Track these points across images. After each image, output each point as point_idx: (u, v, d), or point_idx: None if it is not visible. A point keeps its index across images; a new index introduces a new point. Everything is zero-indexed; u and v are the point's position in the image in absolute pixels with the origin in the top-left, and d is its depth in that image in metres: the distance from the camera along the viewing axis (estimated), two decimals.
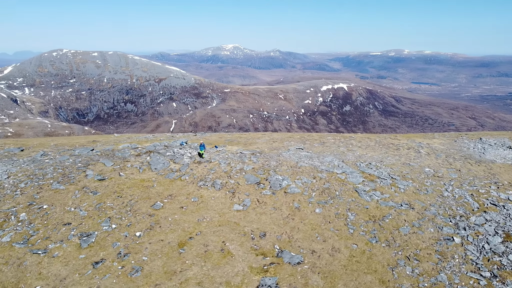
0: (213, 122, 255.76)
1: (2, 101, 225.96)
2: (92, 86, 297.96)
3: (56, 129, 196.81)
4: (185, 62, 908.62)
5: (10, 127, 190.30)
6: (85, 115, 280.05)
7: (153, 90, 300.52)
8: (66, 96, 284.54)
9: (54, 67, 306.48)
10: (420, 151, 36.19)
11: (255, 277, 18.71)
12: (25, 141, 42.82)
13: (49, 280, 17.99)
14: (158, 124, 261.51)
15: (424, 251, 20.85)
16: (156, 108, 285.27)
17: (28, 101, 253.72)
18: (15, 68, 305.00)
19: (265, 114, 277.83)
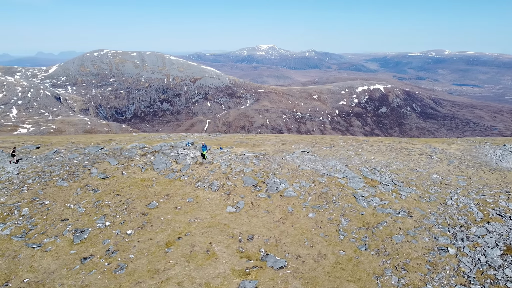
0: (246, 122, 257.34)
1: (46, 99, 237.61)
2: (130, 85, 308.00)
3: (95, 127, 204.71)
4: (220, 62, 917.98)
5: (53, 123, 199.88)
6: (123, 113, 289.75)
7: (189, 90, 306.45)
8: (105, 94, 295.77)
9: (95, 66, 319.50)
10: (432, 157, 34.95)
11: (235, 279, 18.79)
12: (46, 138, 44.88)
13: (39, 273, 18.85)
14: (193, 123, 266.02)
15: (414, 261, 20.20)
16: (191, 108, 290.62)
17: (70, 99, 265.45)
18: (59, 68, 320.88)
19: (299, 115, 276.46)
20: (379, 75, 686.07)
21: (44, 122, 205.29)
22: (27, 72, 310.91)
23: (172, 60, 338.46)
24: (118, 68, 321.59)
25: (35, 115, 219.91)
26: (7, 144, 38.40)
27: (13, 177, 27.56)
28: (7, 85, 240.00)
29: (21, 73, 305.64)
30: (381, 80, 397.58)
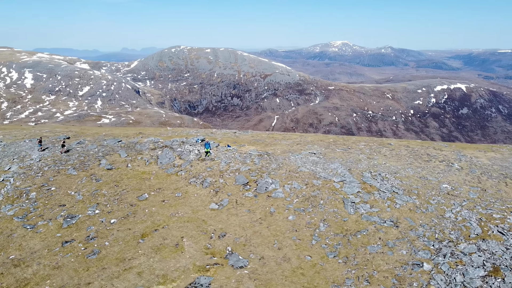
0: (314, 119, 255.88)
1: (127, 92, 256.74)
2: (203, 80, 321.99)
3: (169, 119, 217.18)
4: (292, 58, 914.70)
5: (132, 115, 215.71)
6: (195, 107, 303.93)
7: (258, 86, 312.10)
8: (180, 89, 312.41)
9: (172, 62, 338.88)
10: (453, 165, 32.40)
11: (193, 274, 19.36)
12: (86, 129, 48.78)
13: (24, 251, 20.99)
14: (261, 118, 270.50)
15: (382, 273, 19.23)
16: (260, 103, 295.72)
17: (148, 92, 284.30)
18: (140, 63, 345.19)
19: (370, 114, 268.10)
20: (462, 73, 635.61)
21: (124, 114, 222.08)
22: (111, 66, 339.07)
23: (244, 56, 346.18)
24: (192, 63, 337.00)
25: (117, 106, 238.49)
26: (47, 134, 42.43)
27: (33, 164, 30.62)
28: (94, 78, 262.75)
29: (107, 67, 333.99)
30: (463, 79, 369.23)
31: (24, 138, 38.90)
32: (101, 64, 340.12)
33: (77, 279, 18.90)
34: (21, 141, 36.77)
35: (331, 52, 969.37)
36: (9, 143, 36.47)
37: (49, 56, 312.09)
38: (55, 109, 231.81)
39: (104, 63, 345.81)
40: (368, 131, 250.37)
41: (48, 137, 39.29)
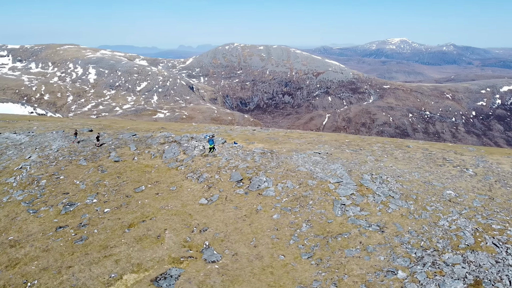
0: (367, 118, 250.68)
1: (181, 88, 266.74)
2: (255, 77, 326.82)
3: (221, 115, 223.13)
4: (346, 56, 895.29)
5: (185, 110, 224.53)
6: (247, 104, 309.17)
7: (310, 84, 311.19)
8: (232, 85, 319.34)
9: (225, 59, 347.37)
10: (467, 171, 30.54)
11: (166, 265, 20.07)
12: (114, 123, 51.38)
13: (21, 234, 22.83)
14: (312, 117, 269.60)
15: (352, 278, 18.78)
16: (311, 101, 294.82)
17: (201, 89, 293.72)
18: (194, 60, 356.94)
19: (427, 115, 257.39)
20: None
21: (178, 109, 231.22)
22: (168, 63, 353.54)
23: (296, 54, 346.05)
24: (245, 61, 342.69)
25: (171, 102, 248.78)
26: (77, 126, 45.27)
27: (51, 154, 32.95)
28: (151, 74, 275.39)
29: (164, 64, 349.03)
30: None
31: (54, 129, 41.82)
32: (158, 60, 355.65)
33: (60, 262, 20.29)
34: (49, 133, 39.60)
35: (388, 50, 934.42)
36: (38, 134, 39.41)
37: (111, 53, 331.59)
38: (114, 103, 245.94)
39: (161, 60, 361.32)
40: (425, 132, 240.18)
41: (77, 129, 41.93)
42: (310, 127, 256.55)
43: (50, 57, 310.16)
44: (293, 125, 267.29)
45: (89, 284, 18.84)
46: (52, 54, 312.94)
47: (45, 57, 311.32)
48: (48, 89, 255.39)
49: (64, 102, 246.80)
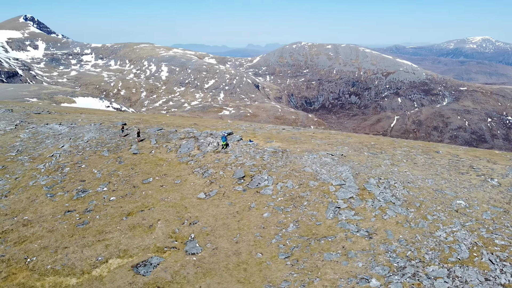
0: (440, 122, 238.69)
1: (247, 86, 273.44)
2: (321, 76, 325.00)
3: (284, 114, 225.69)
4: (420, 55, 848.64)
5: (250, 108, 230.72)
6: (311, 103, 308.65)
7: (379, 84, 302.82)
8: (298, 84, 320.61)
9: (292, 58, 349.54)
10: (491, 181, 28.15)
11: (150, 254, 21.19)
12: (152, 118, 54.16)
13: (35, 215, 25.30)
14: (379, 118, 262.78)
15: (322, 282, 18.46)
16: (379, 102, 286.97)
17: (267, 87, 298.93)
18: (261, 58, 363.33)
19: (509, 120, 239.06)
20: None
21: (243, 107, 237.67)
22: (236, 61, 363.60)
23: (366, 53, 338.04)
24: (312, 60, 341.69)
25: (237, 99, 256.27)
26: (117, 120, 48.48)
27: (81, 144, 35.80)
28: (219, 72, 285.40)
29: (231, 62, 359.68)
30: None
31: (94, 122, 45.22)
32: (226, 59, 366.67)
33: (59, 243, 22.24)
34: (87, 125, 42.94)
35: (468, 49, 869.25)
36: (78, 125, 42.90)
37: (182, 52, 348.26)
38: (183, 100, 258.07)
39: (229, 58, 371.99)
40: (505, 139, 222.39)
41: (114, 122, 44.99)
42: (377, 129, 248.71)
43: (128, 55, 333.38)
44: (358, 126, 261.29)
45: (77, 264, 20.48)
46: (129, 52, 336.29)
47: (123, 55, 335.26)
48: (125, 85, 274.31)
49: (138, 97, 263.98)
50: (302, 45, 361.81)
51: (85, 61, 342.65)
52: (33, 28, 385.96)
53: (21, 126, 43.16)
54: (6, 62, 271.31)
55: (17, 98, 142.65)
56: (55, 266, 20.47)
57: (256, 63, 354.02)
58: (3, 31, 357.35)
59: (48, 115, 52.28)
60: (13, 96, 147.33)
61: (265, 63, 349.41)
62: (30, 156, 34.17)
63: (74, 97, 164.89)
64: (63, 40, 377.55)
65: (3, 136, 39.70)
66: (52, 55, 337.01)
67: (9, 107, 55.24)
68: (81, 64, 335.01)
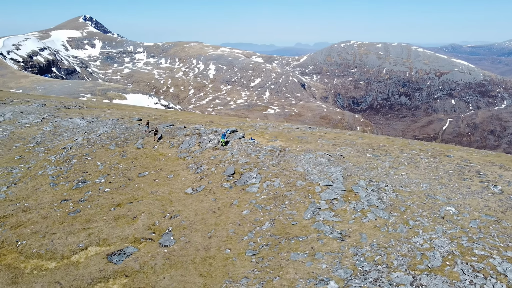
0: (497, 126, 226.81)
1: (293, 85, 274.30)
2: (370, 76, 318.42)
3: (330, 114, 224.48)
4: (479, 55, 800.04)
5: (295, 107, 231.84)
6: (359, 103, 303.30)
7: (431, 84, 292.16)
8: (345, 84, 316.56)
9: (340, 57, 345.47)
10: (494, 188, 26.51)
11: (127, 244, 22.17)
12: (170, 114, 55.81)
13: (35, 202, 27.17)
14: (430, 120, 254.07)
15: (281, 281, 18.46)
16: (431, 104, 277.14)
17: (313, 86, 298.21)
18: (308, 57, 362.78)
19: None
20: None
21: (288, 106, 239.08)
22: (282, 60, 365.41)
23: (418, 52, 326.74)
24: (361, 59, 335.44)
25: (282, 98, 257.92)
26: (137, 115, 50.52)
27: (93, 138, 37.76)
28: (265, 71, 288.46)
29: (278, 61, 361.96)
30: None
31: (114, 117, 47.40)
32: (273, 58, 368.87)
33: (49, 229, 23.80)
34: (106, 120, 45.12)
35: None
36: (97, 120, 45.17)
37: (230, 50, 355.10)
38: (229, 98, 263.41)
39: (276, 57, 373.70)
40: None
41: (131, 118, 46.92)
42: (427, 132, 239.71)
43: (177, 53, 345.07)
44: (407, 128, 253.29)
45: (60, 249, 21.85)
46: (179, 51, 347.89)
47: (173, 54, 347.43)
48: (174, 82, 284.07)
49: (186, 95, 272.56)
50: (351, 44, 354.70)
51: (138, 59, 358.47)
52: (91, 28, 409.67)
53: (47, 119, 46.14)
54: (66, 59, 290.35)
55: (73, 94, 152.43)
56: (40, 250, 21.95)
57: (303, 62, 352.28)
58: (64, 30, 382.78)
59: (77, 110, 55.40)
60: (70, 92, 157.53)
61: (312, 62, 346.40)
62: (46, 147, 36.56)
63: (125, 94, 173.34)
64: (118, 39, 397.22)
65: (28, 128, 42.70)
66: (107, 53, 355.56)
67: (43, 102, 59.16)
68: (134, 62, 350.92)
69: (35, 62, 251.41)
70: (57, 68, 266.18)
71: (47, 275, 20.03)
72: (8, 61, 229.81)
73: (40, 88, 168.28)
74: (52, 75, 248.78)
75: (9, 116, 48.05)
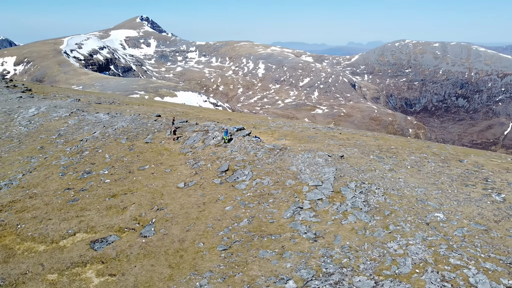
0: None
1: (343, 85, 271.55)
2: (425, 77, 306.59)
3: (380, 115, 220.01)
4: None
5: (344, 108, 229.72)
6: (412, 105, 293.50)
7: (493, 86, 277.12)
8: (398, 85, 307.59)
9: (393, 56, 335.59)
10: (496, 196, 24.89)
11: (111, 232, 23.37)
12: (198, 112, 57.23)
13: (43, 189, 29.20)
14: (490, 124, 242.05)
15: (243, 277, 18.68)
16: (491, 107, 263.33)
17: (364, 87, 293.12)
18: (360, 57, 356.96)
19: None
20: None
21: (337, 106, 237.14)
22: (333, 60, 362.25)
23: (479, 52, 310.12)
24: (416, 59, 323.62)
25: (331, 98, 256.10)
26: (162, 113, 52.41)
27: (108, 132, 39.75)
28: (314, 70, 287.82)
29: (328, 61, 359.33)
30: None
31: (138, 113, 49.49)
32: (324, 57, 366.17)
33: (47, 215, 25.57)
34: (127, 115, 47.21)
35: None
36: (120, 115, 47.40)
37: (280, 49, 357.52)
38: (277, 97, 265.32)
39: (326, 57, 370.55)
40: None
41: (151, 114, 48.78)
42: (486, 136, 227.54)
43: (228, 52, 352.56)
44: (464, 132, 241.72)
45: (51, 234, 23.43)
46: (229, 50, 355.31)
47: (224, 53, 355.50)
48: (223, 81, 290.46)
49: (235, 93, 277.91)
50: (405, 43, 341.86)
51: (190, 58, 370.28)
52: (147, 28, 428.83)
53: (75, 113, 49.10)
54: (123, 58, 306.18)
55: (127, 91, 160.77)
56: (34, 234, 23.67)
57: (354, 62, 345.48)
58: (122, 30, 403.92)
59: (107, 105, 58.39)
60: (124, 88, 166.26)
61: (364, 62, 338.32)
62: (65, 139, 39.03)
63: (176, 91, 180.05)
64: (172, 38, 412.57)
65: (56, 122, 45.72)
66: (161, 52, 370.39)
67: (77, 97, 62.90)
68: (186, 61, 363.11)
69: (95, 60, 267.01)
70: (114, 66, 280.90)
71: (34, 257, 21.59)
72: (71, 59, 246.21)
73: (98, 85, 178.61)
74: (110, 73, 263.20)
75: (43, 110, 51.64)
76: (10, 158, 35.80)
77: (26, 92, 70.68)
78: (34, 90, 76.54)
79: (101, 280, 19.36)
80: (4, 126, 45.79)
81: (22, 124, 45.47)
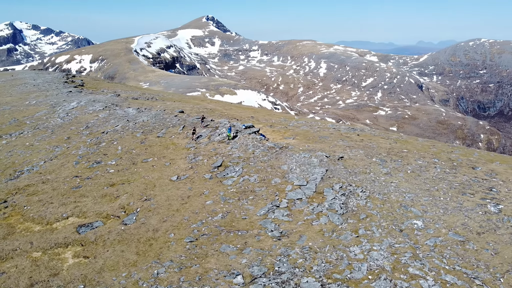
0: None
1: (409, 86, 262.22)
2: (502, 79, 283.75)
3: (449, 119, 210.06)
4: None
5: (409, 110, 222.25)
6: (486, 109, 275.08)
7: None
8: (471, 87, 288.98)
9: (466, 57, 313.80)
10: (491, 207, 23.04)
11: (99, 218, 25.08)
12: (229, 108, 58.45)
13: (55, 176, 31.85)
14: None
15: (198, 269, 19.26)
16: None
17: (432, 88, 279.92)
18: (429, 57, 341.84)
19: None
20: None
21: (401, 108, 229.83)
22: (399, 60, 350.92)
23: None
24: (492, 59, 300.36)
25: (395, 100, 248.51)
26: (189, 109, 54.42)
27: (128, 125, 42.11)
28: (378, 70, 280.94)
29: (394, 60, 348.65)
30: None
31: (164, 109, 51.79)
32: (389, 57, 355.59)
33: (50, 199, 27.96)
34: (153, 111, 49.62)
35: None
36: (147, 110, 49.90)
37: (343, 49, 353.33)
38: (338, 97, 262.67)
39: (392, 56, 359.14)
40: None
41: (175, 109, 50.76)
42: None
43: (290, 51, 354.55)
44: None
45: (48, 217, 25.65)
46: (291, 49, 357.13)
47: (286, 52, 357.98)
48: (284, 80, 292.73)
49: (295, 92, 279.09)
50: (481, 42, 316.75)
51: (252, 56, 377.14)
52: (212, 27, 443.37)
53: (108, 108, 52.46)
54: (188, 56, 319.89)
55: (190, 88, 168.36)
56: (35, 215, 26.03)
57: (422, 62, 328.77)
58: (189, 30, 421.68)
59: (142, 101, 61.57)
60: (187, 86, 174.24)
61: (433, 62, 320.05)
62: (90, 131, 42.03)
63: (236, 89, 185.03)
64: (235, 38, 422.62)
65: (90, 115, 49.26)
66: (225, 51, 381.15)
67: (117, 93, 66.96)
68: (248, 60, 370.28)
69: (162, 59, 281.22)
70: (180, 64, 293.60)
71: (28, 236, 23.79)
72: (140, 57, 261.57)
73: (163, 82, 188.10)
74: (175, 71, 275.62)
75: (83, 103, 55.77)
76: (39, 146, 39.35)
77: (78, 87, 76.46)
78: (86, 85, 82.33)
79: (75, 261, 20.92)
80: (45, 117, 50.20)
81: (60, 116, 49.54)
